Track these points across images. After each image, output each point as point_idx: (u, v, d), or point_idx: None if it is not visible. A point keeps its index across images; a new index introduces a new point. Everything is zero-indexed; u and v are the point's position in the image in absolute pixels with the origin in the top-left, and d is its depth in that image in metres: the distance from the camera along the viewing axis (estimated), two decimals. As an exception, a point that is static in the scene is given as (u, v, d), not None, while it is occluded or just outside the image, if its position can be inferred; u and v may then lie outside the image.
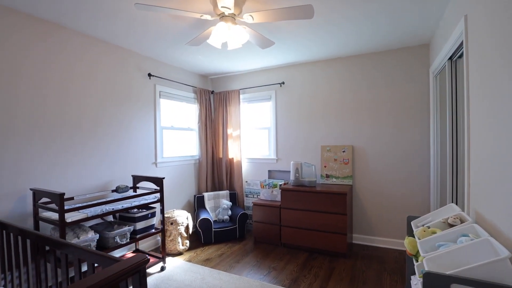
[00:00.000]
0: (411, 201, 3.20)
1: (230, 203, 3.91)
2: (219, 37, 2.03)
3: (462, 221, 1.40)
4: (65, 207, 2.07)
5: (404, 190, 3.23)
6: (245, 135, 4.35)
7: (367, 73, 3.41)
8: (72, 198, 2.44)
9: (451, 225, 1.40)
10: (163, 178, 2.82)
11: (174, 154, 3.86)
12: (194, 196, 3.99)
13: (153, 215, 2.79)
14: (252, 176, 4.22)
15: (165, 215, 3.26)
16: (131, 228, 2.52)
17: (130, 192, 2.99)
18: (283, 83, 3.91)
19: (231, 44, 2.14)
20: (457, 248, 1.11)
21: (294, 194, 3.31)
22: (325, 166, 3.62)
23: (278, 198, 3.63)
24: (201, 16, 2.01)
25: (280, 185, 3.69)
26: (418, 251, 1.37)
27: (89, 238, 2.15)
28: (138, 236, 2.61)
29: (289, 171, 3.87)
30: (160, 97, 3.57)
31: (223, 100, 4.30)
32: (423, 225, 1.53)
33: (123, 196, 2.55)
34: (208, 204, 3.98)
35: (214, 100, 4.44)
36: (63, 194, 1.98)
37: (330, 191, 3.10)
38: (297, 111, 3.85)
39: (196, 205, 3.95)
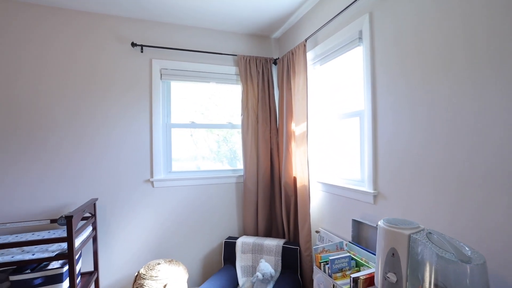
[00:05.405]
0: None
1: (273, 270, 1.94)
2: None
3: None
4: None
5: None
6: (316, 131, 2.12)
7: None
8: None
9: None
10: (71, 216, 1.51)
11: (195, 167, 2.45)
12: (223, 240, 2.36)
13: (54, 280, 1.56)
14: (329, 219, 1.94)
15: (141, 271, 1.94)
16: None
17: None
18: (385, -16, 1.37)
19: None
20: None
21: None
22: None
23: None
24: None
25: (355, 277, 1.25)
26: None
27: None
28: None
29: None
30: (161, 79, 2.29)
31: (285, 69, 2.30)
32: None
33: (42, 238, 1.50)
34: (241, 260, 2.21)
35: (278, 74, 2.52)
36: None
37: None
38: (431, 57, 1.21)
39: (224, 257, 2.30)
